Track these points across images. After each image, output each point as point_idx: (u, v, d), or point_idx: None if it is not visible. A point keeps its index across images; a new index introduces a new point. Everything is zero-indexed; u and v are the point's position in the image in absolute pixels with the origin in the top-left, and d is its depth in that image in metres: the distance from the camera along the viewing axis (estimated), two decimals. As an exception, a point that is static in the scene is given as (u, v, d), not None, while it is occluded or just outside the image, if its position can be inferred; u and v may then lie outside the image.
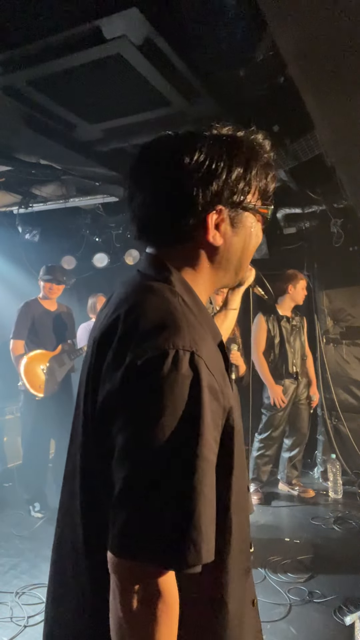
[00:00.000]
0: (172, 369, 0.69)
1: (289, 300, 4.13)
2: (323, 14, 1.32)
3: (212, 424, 0.72)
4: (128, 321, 0.76)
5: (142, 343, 0.71)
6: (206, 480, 0.69)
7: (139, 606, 0.66)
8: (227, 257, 0.88)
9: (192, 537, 0.66)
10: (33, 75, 2.24)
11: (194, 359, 0.71)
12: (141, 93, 2.43)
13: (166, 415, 0.68)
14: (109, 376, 0.74)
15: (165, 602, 0.67)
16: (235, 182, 0.83)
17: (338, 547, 3.24)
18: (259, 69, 2.28)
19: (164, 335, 0.71)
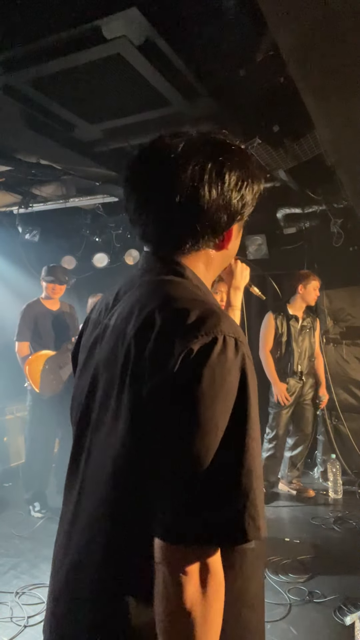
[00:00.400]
0: (222, 354, 0.73)
1: (299, 300, 4.12)
2: (322, 14, 1.32)
3: (256, 405, 0.76)
4: (165, 313, 0.77)
5: (190, 333, 0.73)
6: (258, 458, 0.74)
7: (195, 589, 0.69)
8: (224, 259, 0.96)
9: (250, 513, 0.70)
10: (33, 75, 2.24)
11: (238, 345, 0.75)
12: (141, 93, 2.43)
13: (219, 399, 0.71)
14: (157, 365, 0.74)
15: (218, 581, 0.71)
16: (254, 196, 0.90)
17: (338, 547, 3.24)
18: (259, 69, 2.28)
19: (209, 324, 0.74)
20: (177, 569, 0.69)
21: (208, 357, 0.72)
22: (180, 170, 0.83)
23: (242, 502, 0.70)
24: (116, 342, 0.84)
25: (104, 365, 0.87)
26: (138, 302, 0.83)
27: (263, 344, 4.14)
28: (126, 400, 0.78)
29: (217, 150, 0.86)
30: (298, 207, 4.30)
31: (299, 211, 4.33)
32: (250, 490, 0.71)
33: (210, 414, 0.70)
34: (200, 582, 0.69)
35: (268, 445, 4.15)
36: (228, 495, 0.70)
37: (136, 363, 0.77)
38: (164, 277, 0.86)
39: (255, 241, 4.61)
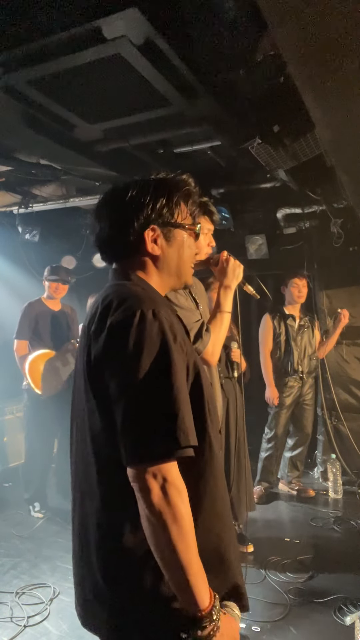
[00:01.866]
0: (141, 321, 0.98)
1: (290, 300, 4.18)
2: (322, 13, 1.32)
3: (177, 352, 1.00)
4: (104, 303, 1.05)
5: (116, 311, 1.01)
6: (182, 389, 0.98)
7: (160, 498, 0.91)
8: (167, 263, 1.19)
9: (181, 427, 0.94)
10: (33, 75, 2.24)
11: (155, 313, 1.00)
12: (141, 93, 2.42)
13: (143, 354, 0.96)
14: (95, 340, 1.02)
15: (178, 488, 0.93)
16: (160, 208, 1.15)
17: (338, 547, 3.24)
18: (259, 69, 2.28)
19: (130, 302, 1.02)
20: (142, 485, 0.92)
21: (130, 324, 0.97)
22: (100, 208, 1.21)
23: (174, 421, 0.94)
24: (83, 337, 1.12)
25: (77, 360, 1.15)
26: (95, 303, 1.11)
27: (262, 345, 4.16)
28: (85, 370, 1.04)
29: (124, 185, 1.17)
30: (298, 207, 4.29)
31: (299, 211, 4.33)
32: (178, 411, 0.94)
33: (139, 364, 0.95)
34: (162, 490, 0.91)
35: (267, 445, 4.15)
36: (163, 419, 0.94)
37: (87, 342, 1.06)
38: (113, 282, 1.16)
39: (255, 241, 4.61)
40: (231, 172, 3.80)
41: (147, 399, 0.95)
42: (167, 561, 0.92)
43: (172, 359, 0.98)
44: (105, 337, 1.00)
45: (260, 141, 2.80)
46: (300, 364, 4.11)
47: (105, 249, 1.21)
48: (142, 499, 0.92)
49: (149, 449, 0.93)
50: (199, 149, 3.23)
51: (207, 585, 0.94)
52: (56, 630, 2.42)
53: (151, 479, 0.91)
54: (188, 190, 1.21)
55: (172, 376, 0.96)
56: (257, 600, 2.59)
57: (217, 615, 0.93)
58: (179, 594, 0.93)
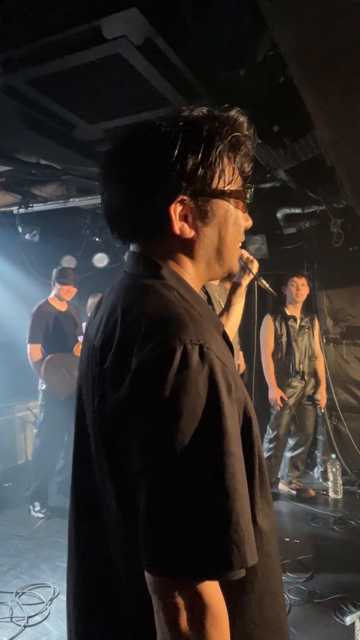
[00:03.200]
0: (183, 366, 0.65)
1: (290, 301, 4.18)
2: (322, 13, 1.32)
3: (233, 418, 0.68)
4: (126, 322, 0.72)
5: (146, 343, 0.67)
6: (237, 476, 0.66)
7: (187, 624, 0.62)
8: (203, 248, 0.83)
9: (233, 539, 0.63)
10: (33, 75, 2.24)
11: (204, 352, 0.67)
12: (141, 93, 2.42)
13: (184, 416, 0.64)
14: (114, 383, 0.70)
15: (214, 614, 0.64)
16: (192, 169, 0.77)
17: (338, 547, 3.24)
18: (259, 69, 2.28)
19: (168, 332, 0.67)
20: (166, 602, 0.64)
21: (166, 368, 0.64)
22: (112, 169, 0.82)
23: (223, 528, 0.63)
24: (88, 355, 0.81)
25: (83, 380, 0.84)
26: (108, 310, 0.79)
27: (264, 346, 4.16)
28: (96, 420, 0.75)
29: (145, 131, 0.81)
30: (298, 207, 4.30)
31: (299, 211, 4.34)
32: (231, 513, 0.63)
33: (170, 437, 0.63)
34: (193, 616, 0.63)
35: (268, 445, 4.15)
36: (207, 522, 0.63)
37: (99, 380, 0.73)
38: (135, 280, 0.81)
39: (255, 241, 4.61)
40: (231, 172, 3.79)
41: (185, 487, 0.64)
42: None
43: (226, 429, 0.66)
44: (128, 385, 0.67)
45: (260, 141, 2.80)
46: (301, 364, 4.11)
47: (116, 227, 0.84)
48: (162, 617, 0.64)
49: (182, 561, 0.63)
50: (198, 149, 3.22)
51: None
52: (56, 630, 2.42)
53: (179, 597, 0.63)
54: (238, 137, 0.83)
55: (225, 457, 0.65)
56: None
57: None
58: None
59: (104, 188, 0.83)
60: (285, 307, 4.23)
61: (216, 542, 0.63)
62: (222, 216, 0.83)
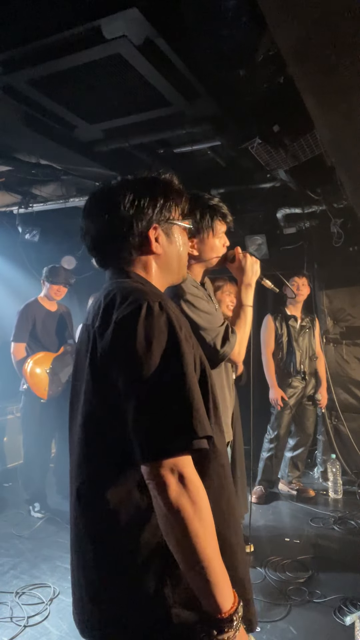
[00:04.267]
0: (148, 314, 0.96)
1: (290, 300, 4.17)
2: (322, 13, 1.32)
3: (186, 343, 0.98)
4: (107, 300, 1.04)
5: (121, 305, 0.99)
6: (194, 380, 0.96)
7: (179, 495, 0.88)
8: (168, 260, 1.20)
9: (196, 419, 0.91)
10: (33, 75, 2.24)
11: (162, 305, 0.99)
12: (141, 93, 2.43)
13: (154, 344, 0.94)
14: (101, 335, 1.00)
15: (195, 483, 0.90)
16: (160, 207, 1.16)
17: (338, 547, 3.24)
18: (259, 69, 2.28)
19: (135, 296, 1.00)
20: (159, 480, 0.88)
21: (137, 317, 0.96)
22: (96, 209, 1.16)
23: (190, 413, 0.91)
24: (82, 335, 1.12)
25: (78, 357, 1.13)
26: (97, 301, 1.11)
27: (264, 346, 4.16)
28: (87, 367, 1.02)
29: (118, 186, 1.16)
30: (298, 207, 4.30)
31: (299, 211, 4.33)
32: (192, 402, 0.93)
33: (149, 356, 0.93)
34: (179, 486, 0.88)
35: (269, 445, 4.15)
36: (178, 411, 0.92)
37: (92, 339, 1.03)
38: (113, 281, 1.14)
39: (255, 241, 4.61)
40: (231, 172, 3.80)
41: (160, 392, 0.92)
42: (188, 560, 0.87)
43: (182, 349, 0.96)
44: (111, 332, 0.97)
45: (260, 141, 2.80)
46: (302, 364, 4.11)
47: (102, 251, 1.19)
48: (160, 496, 0.88)
49: (165, 443, 0.89)
50: (199, 149, 3.23)
51: (229, 587, 0.90)
52: (56, 630, 2.42)
53: (168, 474, 0.88)
54: (178, 188, 1.22)
55: (183, 367, 0.94)
56: (257, 600, 2.59)
57: (238, 622, 0.88)
58: (200, 594, 0.88)
59: (90, 225, 1.17)
60: (286, 307, 4.23)
61: (187, 423, 0.91)
62: (178, 238, 1.22)
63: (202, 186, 4.12)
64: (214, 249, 1.89)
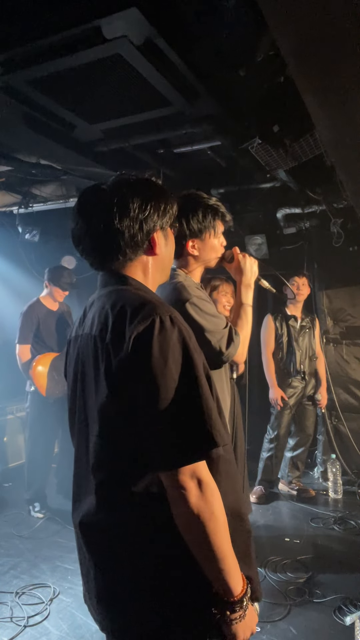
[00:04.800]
0: (162, 329, 1.01)
1: (292, 300, 4.17)
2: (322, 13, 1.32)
3: (196, 353, 1.05)
4: (115, 311, 1.07)
5: (133, 320, 1.02)
6: (207, 389, 1.03)
7: (199, 499, 0.97)
8: (162, 262, 1.25)
9: (213, 428, 0.99)
10: (33, 75, 2.24)
11: (173, 319, 1.04)
12: (141, 93, 2.43)
13: (169, 359, 0.99)
14: (116, 349, 1.02)
15: (211, 487, 0.99)
16: (163, 210, 1.20)
17: (338, 547, 3.24)
18: (259, 69, 2.28)
19: (147, 310, 1.03)
20: (179, 488, 0.97)
21: (152, 333, 1.00)
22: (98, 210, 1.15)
23: (206, 421, 0.99)
24: (88, 344, 1.13)
25: (82, 366, 1.15)
26: (98, 310, 1.13)
27: (265, 346, 4.16)
28: (103, 380, 1.05)
29: (121, 187, 1.16)
30: (298, 207, 4.29)
31: (299, 211, 4.33)
32: (210, 411, 1.00)
33: (166, 371, 0.98)
34: (199, 490, 0.97)
35: (269, 445, 4.15)
36: (196, 421, 0.99)
37: (103, 353, 1.06)
38: (112, 288, 1.16)
39: (255, 241, 4.61)
40: (231, 172, 3.80)
41: (178, 404, 0.98)
42: (206, 555, 0.98)
43: (195, 362, 1.02)
44: (129, 349, 1.00)
45: (260, 141, 2.80)
46: (302, 364, 4.11)
47: (101, 253, 1.19)
48: (181, 500, 0.97)
49: (186, 452, 0.97)
50: (199, 149, 3.23)
51: (239, 573, 1.03)
52: (56, 630, 2.42)
53: (189, 480, 0.97)
54: (168, 194, 1.25)
55: (198, 378, 1.01)
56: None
57: (247, 602, 1.03)
58: (215, 582, 1.00)
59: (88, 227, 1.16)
60: (286, 307, 4.23)
61: (204, 432, 0.99)
62: (171, 240, 1.28)
63: (202, 186, 4.11)
64: (214, 249, 1.90)
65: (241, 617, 1.01)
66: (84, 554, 1.14)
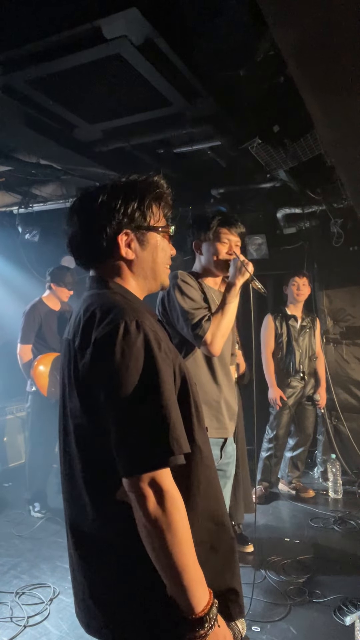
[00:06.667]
0: (126, 333, 0.99)
1: (291, 300, 4.17)
2: (322, 13, 1.32)
3: (164, 362, 1.01)
4: (86, 315, 1.06)
5: (100, 324, 1.01)
6: (171, 397, 1.00)
7: (157, 507, 0.93)
8: (141, 267, 1.19)
9: (173, 435, 0.96)
10: (33, 75, 2.24)
11: (139, 324, 1.01)
12: (141, 93, 2.43)
13: (131, 364, 0.97)
14: (81, 354, 1.03)
15: (172, 496, 0.95)
16: (132, 212, 1.14)
17: (338, 547, 3.24)
18: (259, 69, 2.28)
19: (113, 315, 1.01)
20: (138, 493, 0.94)
21: (115, 338, 0.98)
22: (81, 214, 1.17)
23: (166, 431, 0.96)
24: (65, 349, 1.13)
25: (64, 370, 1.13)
26: (75, 314, 1.15)
27: (264, 345, 4.15)
28: (73, 385, 1.05)
29: (96, 191, 1.15)
30: (298, 207, 4.30)
31: (299, 211, 4.33)
32: (170, 421, 0.96)
33: (127, 376, 0.96)
34: (157, 499, 0.93)
35: (268, 445, 4.15)
36: (156, 430, 0.96)
37: (73, 358, 1.06)
38: (92, 292, 1.15)
39: (255, 241, 4.61)
40: (231, 172, 3.80)
41: (138, 411, 0.96)
42: (163, 566, 0.94)
43: (158, 368, 0.99)
44: (91, 352, 1.00)
45: (260, 141, 2.80)
46: (302, 364, 4.11)
47: (79, 255, 1.20)
48: (139, 507, 0.94)
49: (143, 459, 0.95)
50: (199, 149, 3.23)
51: (204, 590, 0.96)
52: (56, 630, 2.42)
53: (147, 487, 0.93)
54: (160, 192, 1.19)
55: (160, 386, 0.98)
56: (257, 600, 2.59)
57: (210, 623, 0.94)
58: (175, 596, 0.94)
59: (69, 228, 1.18)
60: (286, 307, 4.22)
61: (164, 440, 0.95)
62: (154, 244, 1.20)
63: (202, 186, 4.13)
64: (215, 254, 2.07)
65: (201, 636, 0.93)
66: (70, 555, 1.14)
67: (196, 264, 2.20)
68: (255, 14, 1.89)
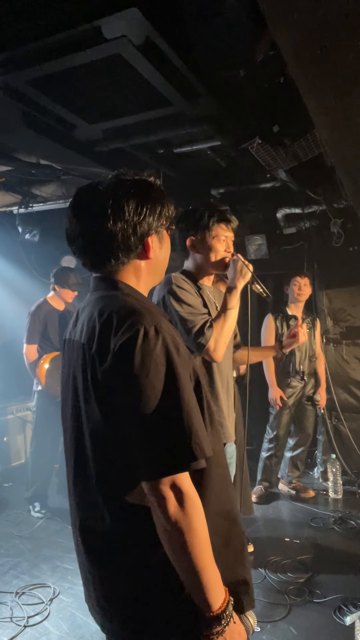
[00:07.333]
0: (145, 339, 0.99)
1: (292, 300, 4.16)
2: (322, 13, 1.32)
3: (182, 366, 1.03)
4: (102, 320, 1.06)
5: (118, 330, 1.01)
6: (191, 401, 1.02)
7: (177, 509, 0.96)
8: (157, 265, 1.23)
9: (196, 440, 0.98)
10: (33, 75, 2.24)
11: (158, 329, 1.02)
12: (141, 93, 2.43)
13: (151, 370, 0.98)
14: (101, 360, 1.03)
15: (191, 498, 0.97)
16: (158, 215, 1.17)
17: (338, 547, 3.24)
18: (259, 69, 2.28)
19: (132, 320, 1.02)
20: (159, 496, 0.96)
21: (135, 345, 0.99)
22: (92, 211, 1.13)
23: (188, 435, 0.97)
24: (78, 352, 1.12)
25: (73, 372, 1.14)
26: (87, 317, 1.13)
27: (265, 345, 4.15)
28: (91, 390, 1.05)
29: (117, 188, 1.14)
30: (298, 207, 4.29)
31: (299, 211, 4.33)
32: (191, 425, 0.98)
33: (147, 382, 0.97)
34: (178, 501, 0.96)
35: (268, 445, 4.15)
36: (178, 434, 0.97)
37: (90, 362, 1.06)
38: (102, 293, 1.15)
39: (255, 241, 4.61)
40: (231, 172, 3.80)
41: (160, 417, 0.97)
42: (183, 566, 0.97)
43: (178, 373, 1.00)
44: (112, 359, 1.00)
45: (260, 141, 2.80)
46: (302, 364, 4.11)
47: (94, 255, 1.17)
48: (159, 510, 0.96)
49: (166, 464, 0.97)
50: (199, 149, 3.23)
51: (221, 589, 0.99)
52: (56, 630, 2.42)
53: (167, 490, 0.96)
54: (164, 196, 1.22)
55: (181, 390, 0.99)
56: (257, 601, 2.59)
57: (227, 620, 0.98)
58: (193, 595, 0.98)
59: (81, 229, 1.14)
60: (287, 307, 4.22)
61: (187, 444, 0.97)
62: (166, 242, 1.24)
63: (202, 186, 4.13)
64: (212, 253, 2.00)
65: (219, 632, 0.97)
66: (82, 557, 1.14)
67: (189, 263, 2.08)
68: (255, 14, 1.89)
